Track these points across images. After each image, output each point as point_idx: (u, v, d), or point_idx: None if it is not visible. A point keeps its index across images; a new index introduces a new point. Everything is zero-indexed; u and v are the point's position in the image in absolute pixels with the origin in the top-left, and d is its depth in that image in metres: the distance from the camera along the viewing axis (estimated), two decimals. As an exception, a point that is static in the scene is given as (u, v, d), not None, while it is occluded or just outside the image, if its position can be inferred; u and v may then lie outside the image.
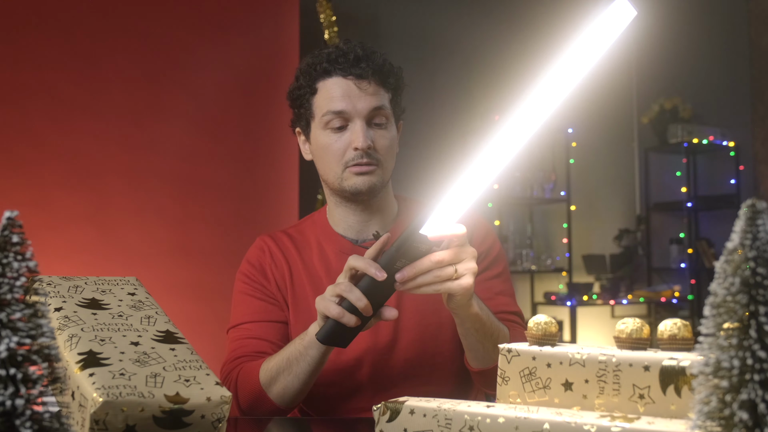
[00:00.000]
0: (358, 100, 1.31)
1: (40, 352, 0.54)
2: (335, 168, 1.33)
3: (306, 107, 1.36)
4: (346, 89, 1.31)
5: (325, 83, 1.33)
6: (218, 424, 0.86)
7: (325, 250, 1.41)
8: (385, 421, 0.90)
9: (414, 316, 1.35)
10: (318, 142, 1.36)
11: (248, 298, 1.39)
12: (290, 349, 1.21)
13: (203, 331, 2.88)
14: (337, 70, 1.32)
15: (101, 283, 1.04)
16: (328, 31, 3.58)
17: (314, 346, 1.17)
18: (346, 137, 1.32)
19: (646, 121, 5.11)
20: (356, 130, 1.30)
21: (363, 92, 1.31)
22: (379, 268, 1.06)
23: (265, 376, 1.23)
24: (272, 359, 1.24)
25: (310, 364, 1.19)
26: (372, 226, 1.40)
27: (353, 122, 1.31)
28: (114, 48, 3.16)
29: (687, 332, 0.83)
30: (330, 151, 1.33)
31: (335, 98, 1.31)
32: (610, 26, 0.95)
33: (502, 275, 1.43)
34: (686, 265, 5.03)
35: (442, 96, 4.58)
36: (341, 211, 1.40)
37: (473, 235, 1.41)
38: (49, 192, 3.00)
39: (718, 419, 0.53)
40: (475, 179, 1.04)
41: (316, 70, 1.34)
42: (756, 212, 0.53)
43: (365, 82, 1.31)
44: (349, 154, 1.31)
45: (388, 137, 1.34)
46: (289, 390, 1.22)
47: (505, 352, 0.94)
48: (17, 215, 0.55)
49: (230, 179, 3.34)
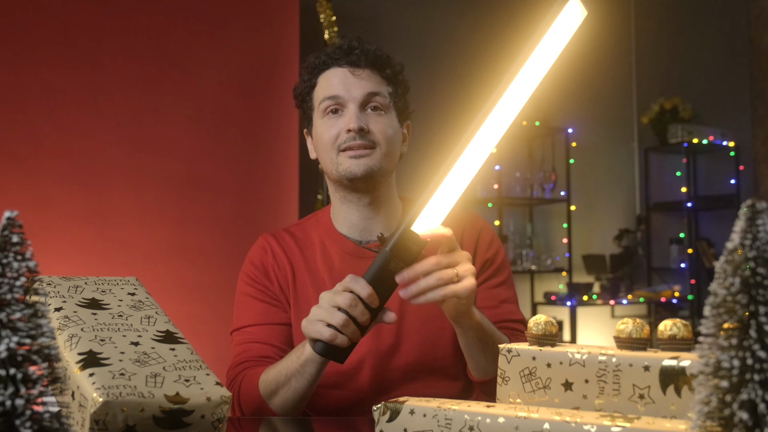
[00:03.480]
0: (352, 85, 1.33)
1: (40, 352, 0.54)
2: (330, 153, 1.33)
3: (308, 102, 1.39)
4: (342, 77, 1.34)
5: (324, 75, 1.36)
6: (218, 424, 0.86)
7: (329, 250, 1.40)
8: (385, 421, 0.90)
9: (416, 320, 1.35)
10: (317, 132, 1.37)
11: (251, 300, 1.38)
12: (287, 364, 1.21)
13: (203, 331, 2.89)
14: (334, 62, 1.35)
15: (101, 283, 1.03)
16: (328, 31, 3.58)
17: (311, 363, 1.17)
18: (340, 122, 1.33)
19: (646, 121, 5.11)
20: (349, 113, 1.32)
21: (357, 78, 1.33)
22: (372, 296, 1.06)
23: (265, 389, 1.23)
24: (270, 371, 1.23)
25: (308, 380, 1.19)
26: (376, 226, 1.39)
27: (347, 107, 1.33)
28: (114, 48, 3.16)
29: (687, 332, 0.83)
30: (325, 136, 1.34)
31: (332, 85, 1.34)
32: (563, 26, 1.00)
33: (507, 281, 1.43)
34: (686, 265, 5.03)
35: (442, 96, 4.58)
36: (345, 208, 1.39)
37: (479, 239, 1.42)
38: (49, 192, 3.00)
39: (718, 419, 0.53)
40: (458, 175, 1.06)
41: (317, 66, 1.37)
42: (756, 212, 0.53)
43: (359, 70, 1.34)
44: (342, 137, 1.32)
45: (384, 123, 1.33)
46: (289, 402, 1.22)
47: (505, 352, 0.94)
48: (17, 215, 0.55)
49: (230, 179, 3.34)
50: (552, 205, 4.83)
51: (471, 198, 4.55)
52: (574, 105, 4.92)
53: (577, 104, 4.94)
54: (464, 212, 1.47)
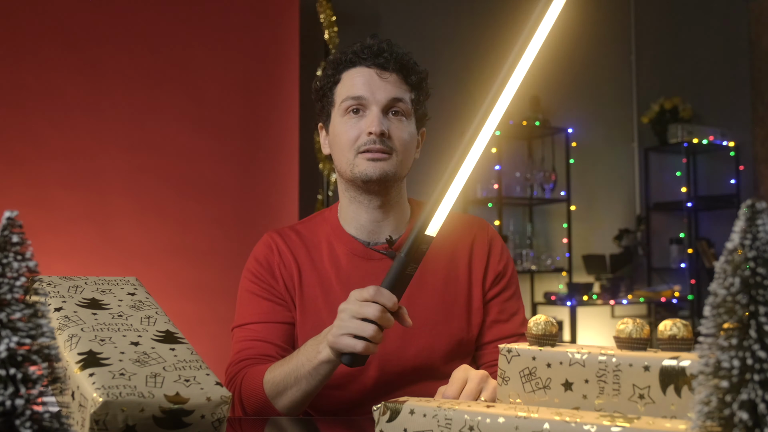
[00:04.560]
0: (377, 88, 1.32)
1: (40, 352, 0.54)
2: (347, 153, 1.33)
3: (329, 97, 1.38)
4: (368, 77, 1.33)
5: (349, 72, 1.35)
6: (218, 425, 0.86)
7: (336, 250, 1.39)
8: (385, 421, 0.90)
9: (421, 323, 1.34)
10: (335, 130, 1.36)
11: (255, 297, 1.37)
12: (297, 364, 1.20)
13: (203, 331, 2.89)
14: (361, 60, 1.34)
15: (101, 283, 1.03)
16: (328, 31, 3.57)
17: (325, 365, 1.17)
18: (361, 123, 1.32)
19: (646, 121, 5.11)
20: (372, 116, 1.31)
21: (384, 81, 1.33)
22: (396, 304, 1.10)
23: (271, 389, 1.22)
24: (276, 370, 1.23)
25: (320, 381, 1.19)
26: (384, 228, 1.39)
27: (370, 109, 1.32)
28: (114, 48, 3.16)
29: (687, 332, 0.83)
30: (344, 136, 1.33)
31: (356, 85, 1.33)
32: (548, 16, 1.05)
33: (516, 292, 1.45)
34: (686, 265, 5.03)
35: (442, 96, 4.57)
36: (354, 208, 1.39)
37: (491, 250, 1.43)
38: (49, 192, 3.00)
39: (718, 419, 0.53)
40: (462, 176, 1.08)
41: (342, 62, 1.36)
42: (756, 212, 0.53)
43: (387, 73, 1.33)
44: (362, 139, 1.31)
45: (404, 129, 1.34)
46: (296, 402, 1.22)
47: (505, 352, 0.94)
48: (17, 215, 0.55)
49: (230, 179, 3.34)
50: (552, 205, 4.83)
51: (471, 198, 4.55)
52: (574, 105, 4.92)
53: (577, 104, 4.94)
54: (472, 218, 1.48)
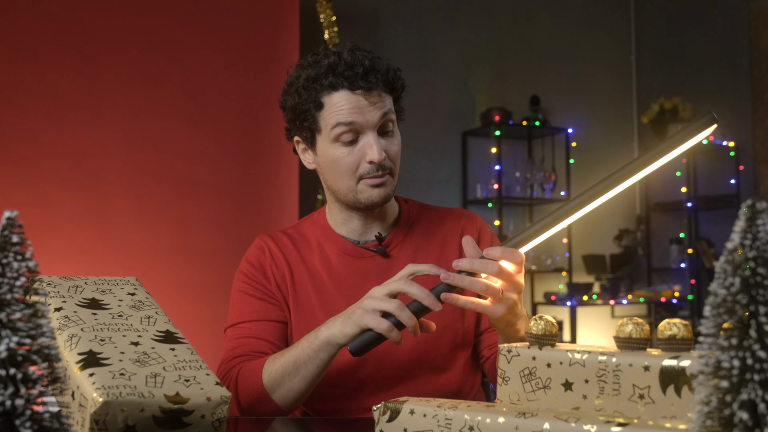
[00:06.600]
0: (368, 111, 1.28)
1: (40, 352, 0.54)
2: (348, 181, 1.32)
3: (311, 121, 1.32)
4: (355, 102, 1.27)
5: (331, 98, 1.28)
6: (218, 425, 0.86)
7: (326, 250, 1.41)
8: (385, 421, 0.90)
9: None
10: (328, 155, 1.32)
11: (248, 297, 1.38)
12: (296, 351, 1.20)
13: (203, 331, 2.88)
14: (344, 85, 1.27)
15: (101, 283, 1.03)
16: (328, 31, 3.57)
17: (325, 349, 1.17)
18: (358, 150, 1.30)
19: (646, 121, 5.11)
20: (369, 143, 1.28)
21: (372, 105, 1.28)
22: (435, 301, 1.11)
23: (269, 378, 1.22)
24: (276, 361, 1.23)
25: (320, 367, 1.19)
26: (374, 227, 1.41)
27: (365, 134, 1.29)
28: (114, 48, 3.16)
29: (687, 332, 0.83)
30: (342, 164, 1.31)
31: (344, 111, 1.27)
32: None
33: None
34: (686, 265, 5.03)
35: (442, 96, 4.58)
36: (345, 216, 1.40)
37: (480, 239, 1.44)
38: (49, 192, 3.01)
39: (718, 419, 0.53)
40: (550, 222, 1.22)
41: (321, 84, 1.28)
42: (756, 212, 0.53)
43: (374, 93, 1.28)
44: (364, 167, 1.30)
45: (396, 143, 1.34)
46: (294, 392, 1.22)
47: (505, 353, 0.94)
48: (17, 215, 0.55)
49: (230, 179, 3.34)
50: (552, 205, 4.82)
51: (471, 198, 4.56)
52: (574, 105, 4.92)
53: (577, 104, 4.94)
54: (461, 211, 1.50)
